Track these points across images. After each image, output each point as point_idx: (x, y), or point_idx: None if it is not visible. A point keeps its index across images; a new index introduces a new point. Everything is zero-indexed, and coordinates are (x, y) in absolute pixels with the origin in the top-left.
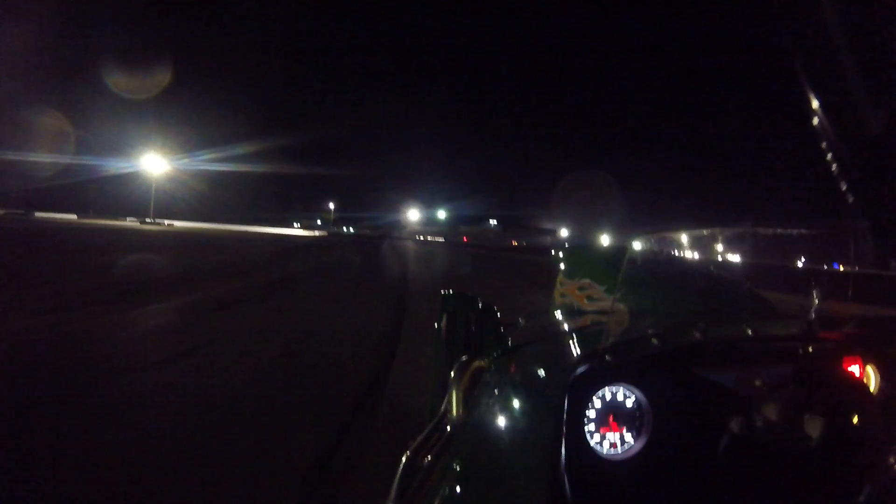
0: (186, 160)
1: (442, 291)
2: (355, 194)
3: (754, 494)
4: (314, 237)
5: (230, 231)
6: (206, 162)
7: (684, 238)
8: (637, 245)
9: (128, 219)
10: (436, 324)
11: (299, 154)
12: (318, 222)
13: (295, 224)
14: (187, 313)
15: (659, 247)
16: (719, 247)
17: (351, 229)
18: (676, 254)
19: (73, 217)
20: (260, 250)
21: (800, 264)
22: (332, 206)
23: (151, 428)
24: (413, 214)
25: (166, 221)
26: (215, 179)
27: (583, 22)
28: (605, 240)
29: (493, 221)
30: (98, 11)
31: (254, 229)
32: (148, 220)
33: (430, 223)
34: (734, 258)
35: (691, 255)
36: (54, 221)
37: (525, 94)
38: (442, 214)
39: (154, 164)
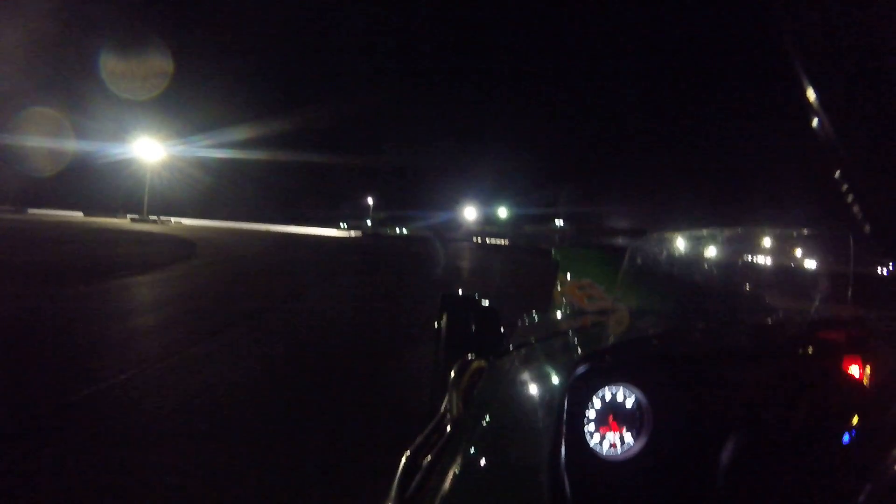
0: (196, 147)
1: (443, 292)
2: (405, 189)
3: (754, 495)
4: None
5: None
6: (223, 149)
7: (685, 238)
8: (637, 245)
9: (129, 216)
10: (436, 324)
11: (338, 141)
12: (368, 223)
13: (342, 224)
14: None
15: (659, 247)
16: (720, 247)
17: (404, 230)
18: (676, 254)
19: (80, 214)
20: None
21: (803, 264)
22: (370, 201)
23: None
24: (470, 213)
25: (173, 219)
26: (234, 170)
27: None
28: (682, 244)
29: (559, 221)
30: None
31: (280, 229)
32: (152, 217)
33: (489, 222)
34: (734, 258)
35: (691, 255)
36: (44, 220)
37: (597, 75)
38: (503, 212)
39: (152, 150)
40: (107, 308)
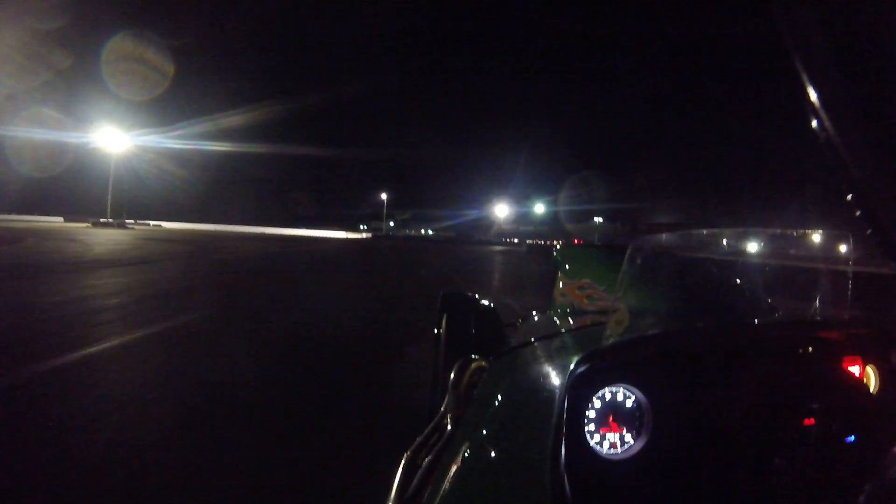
0: (185, 140)
1: (442, 292)
2: (429, 186)
3: (754, 495)
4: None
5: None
6: (217, 142)
7: (685, 238)
8: (637, 245)
9: (102, 219)
10: (435, 325)
11: (353, 134)
12: (391, 224)
13: (361, 226)
14: None
15: (659, 247)
16: (720, 247)
17: (429, 231)
18: (677, 254)
19: (60, 220)
20: None
21: (803, 265)
22: (384, 197)
23: None
24: (502, 210)
25: (151, 223)
26: (232, 168)
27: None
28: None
29: (598, 219)
30: None
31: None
32: (129, 221)
33: (524, 221)
34: (734, 258)
35: (692, 254)
36: None
37: (631, 65)
38: (540, 209)
39: (115, 139)
40: None
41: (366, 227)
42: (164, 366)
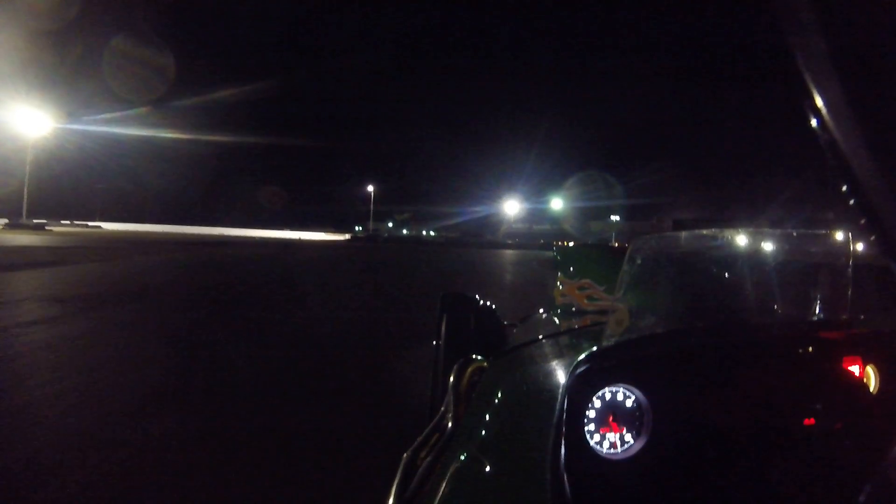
0: (142, 123)
1: (442, 292)
2: (430, 183)
3: (754, 494)
4: None
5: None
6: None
7: (685, 238)
8: (637, 245)
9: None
10: (435, 325)
11: (340, 123)
12: (390, 224)
13: (357, 227)
14: None
15: (659, 247)
16: (720, 247)
17: (431, 233)
18: (677, 254)
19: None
20: None
21: (803, 265)
22: (370, 189)
23: None
24: (511, 207)
25: (90, 224)
26: (210, 164)
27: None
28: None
29: (614, 217)
30: None
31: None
32: (64, 222)
33: (537, 219)
34: (735, 259)
35: (692, 255)
36: None
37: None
38: (557, 204)
39: (35, 122)
40: None
41: (361, 227)
42: None
